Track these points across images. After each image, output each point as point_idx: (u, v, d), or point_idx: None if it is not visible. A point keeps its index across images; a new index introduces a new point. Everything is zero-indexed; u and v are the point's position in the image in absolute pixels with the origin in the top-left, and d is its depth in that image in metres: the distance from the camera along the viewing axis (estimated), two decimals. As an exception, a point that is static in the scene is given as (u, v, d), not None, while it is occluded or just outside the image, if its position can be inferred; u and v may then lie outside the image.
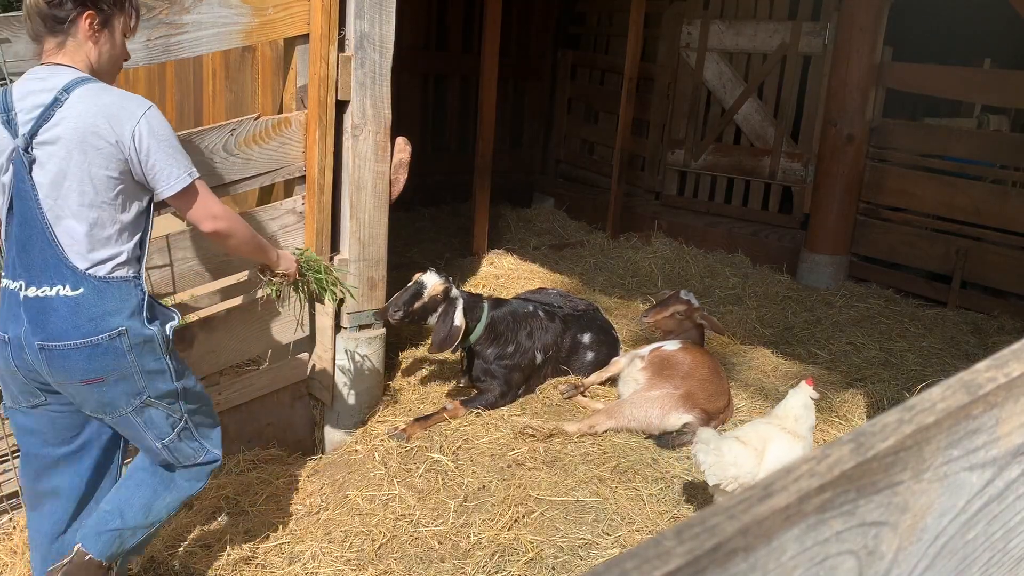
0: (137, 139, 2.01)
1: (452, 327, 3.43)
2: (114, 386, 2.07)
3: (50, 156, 1.98)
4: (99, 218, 2.02)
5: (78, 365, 2.02)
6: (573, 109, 7.81)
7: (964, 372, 0.63)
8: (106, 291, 2.03)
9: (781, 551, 0.49)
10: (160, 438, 2.19)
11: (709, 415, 3.35)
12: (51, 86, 1.99)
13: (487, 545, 2.69)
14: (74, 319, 2.00)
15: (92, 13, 2.04)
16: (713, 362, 3.55)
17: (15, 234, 2.03)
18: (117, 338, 2.04)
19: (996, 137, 5.37)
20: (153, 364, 2.12)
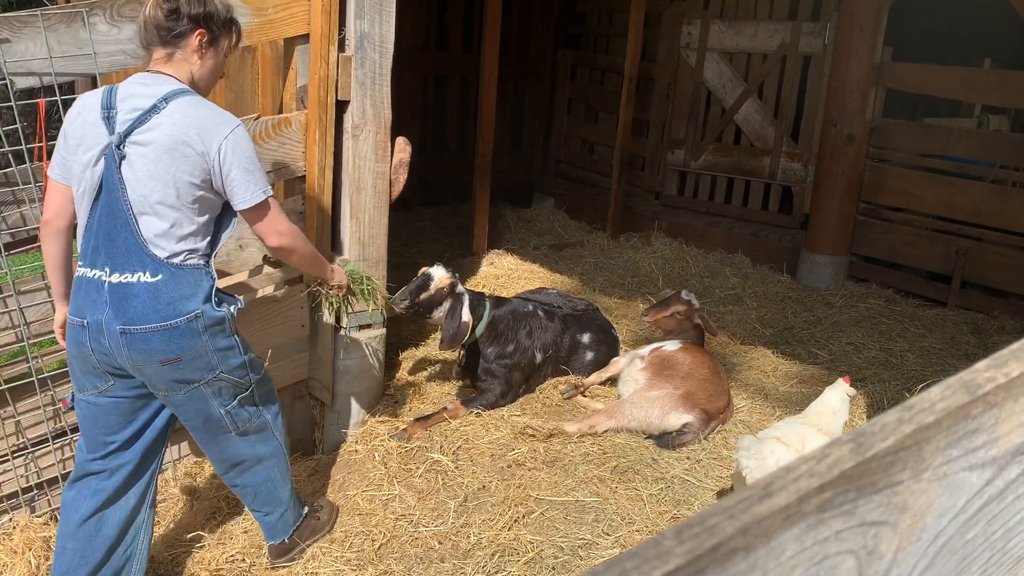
0: (222, 154, 2.16)
1: (460, 323, 3.44)
2: (189, 364, 2.24)
3: (140, 156, 2.12)
4: (178, 219, 2.17)
5: (158, 347, 2.17)
6: (573, 109, 7.81)
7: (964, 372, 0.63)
8: (182, 277, 2.19)
9: (781, 551, 0.49)
10: (224, 404, 2.38)
11: (709, 415, 3.35)
12: (153, 93, 2.15)
13: (487, 545, 2.69)
14: (154, 303, 2.15)
15: (204, 31, 2.23)
16: (713, 362, 3.55)
17: (102, 223, 2.16)
18: (193, 320, 2.20)
19: (996, 137, 5.37)
20: (224, 342, 2.30)
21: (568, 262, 5.71)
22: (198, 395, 2.32)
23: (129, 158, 2.12)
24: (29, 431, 2.82)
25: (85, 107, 2.18)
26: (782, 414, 3.59)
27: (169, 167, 2.12)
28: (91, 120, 2.15)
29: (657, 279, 5.48)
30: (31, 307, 2.69)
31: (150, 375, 2.23)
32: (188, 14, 2.19)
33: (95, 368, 2.24)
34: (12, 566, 2.54)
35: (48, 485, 2.90)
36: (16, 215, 2.60)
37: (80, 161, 2.16)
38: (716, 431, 3.41)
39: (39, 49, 2.47)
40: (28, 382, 2.74)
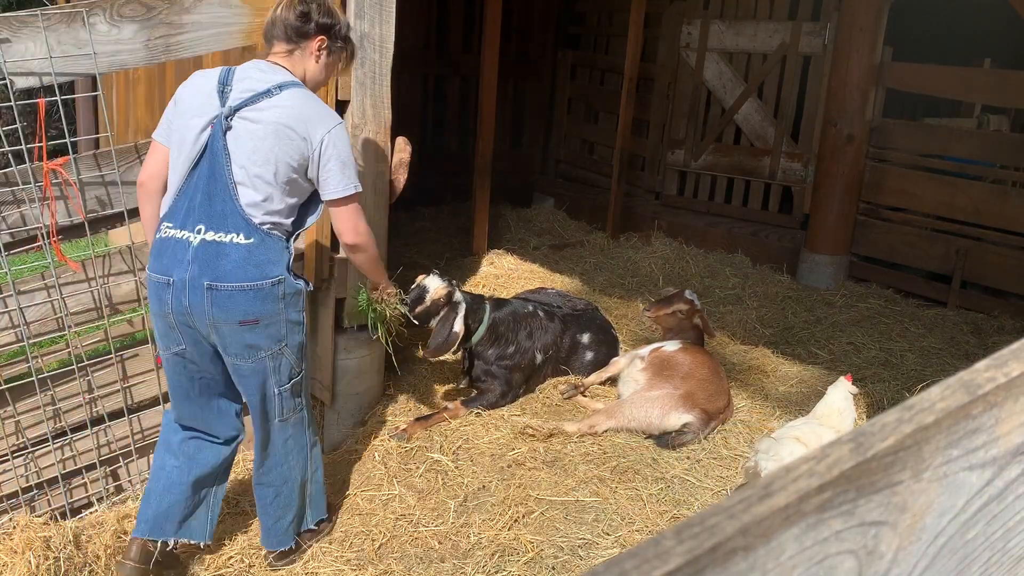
0: (324, 145, 2.36)
1: (450, 333, 3.40)
2: (264, 329, 2.38)
3: (247, 132, 2.33)
4: (271, 195, 2.35)
5: (240, 306, 2.32)
6: (573, 109, 7.81)
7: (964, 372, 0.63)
8: (270, 243, 2.36)
9: (780, 551, 0.49)
10: (280, 384, 2.50)
11: (709, 415, 3.35)
12: (269, 79, 2.38)
13: (487, 545, 2.69)
14: (244, 264, 2.31)
15: (325, 39, 2.48)
16: (713, 362, 3.55)
17: (203, 186, 2.33)
18: (277, 285, 2.36)
19: (996, 137, 5.37)
20: (295, 315, 2.46)
21: (568, 262, 5.71)
22: (262, 367, 2.44)
23: (235, 130, 2.32)
24: (29, 431, 2.82)
25: (201, 80, 2.40)
26: (782, 414, 3.59)
27: (273, 147, 2.31)
28: (206, 92, 2.36)
29: (657, 279, 5.48)
30: (31, 307, 2.69)
31: (226, 335, 2.36)
32: (316, 21, 2.44)
33: (171, 328, 2.39)
34: (12, 566, 2.54)
35: (48, 485, 2.90)
36: (16, 215, 2.60)
37: (188, 126, 2.34)
38: (716, 431, 3.41)
39: (39, 49, 2.47)
40: (28, 382, 2.74)
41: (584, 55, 7.65)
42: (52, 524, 2.75)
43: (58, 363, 2.84)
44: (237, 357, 2.41)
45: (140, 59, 2.71)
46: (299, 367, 2.54)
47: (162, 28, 2.68)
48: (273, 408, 2.53)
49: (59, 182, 2.63)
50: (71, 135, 2.80)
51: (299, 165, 2.36)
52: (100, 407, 2.95)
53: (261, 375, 2.46)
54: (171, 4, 2.68)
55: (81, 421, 2.91)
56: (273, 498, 2.65)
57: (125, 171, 2.76)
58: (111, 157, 2.70)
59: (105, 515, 2.91)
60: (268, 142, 2.31)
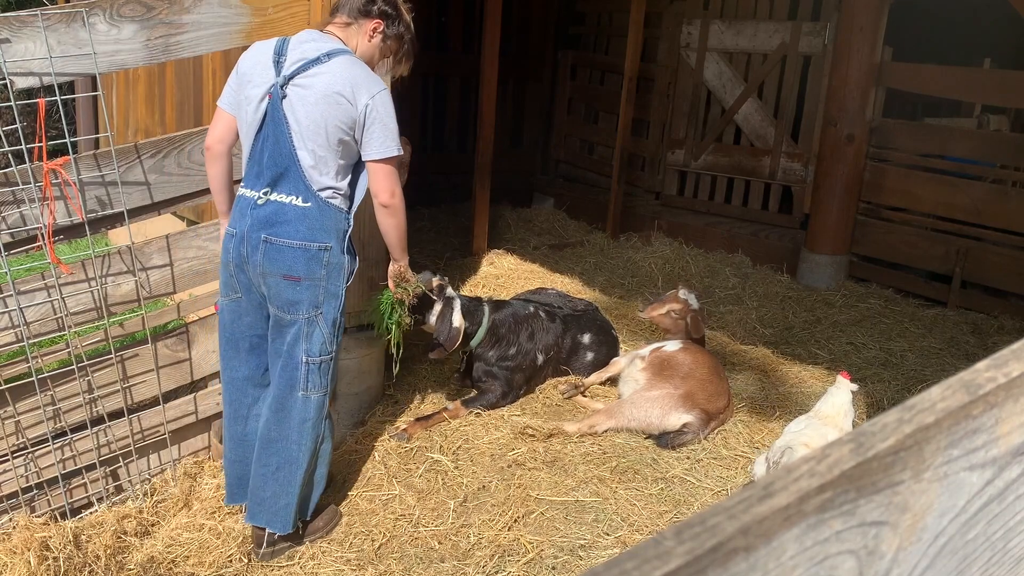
0: (369, 108, 2.51)
1: (452, 328, 3.41)
2: (305, 290, 2.54)
3: (300, 98, 2.48)
4: (325, 157, 2.52)
5: (287, 262, 2.50)
6: (573, 109, 7.81)
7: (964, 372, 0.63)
8: (327, 212, 2.54)
9: (781, 551, 0.49)
10: (309, 353, 2.61)
11: (709, 415, 3.35)
12: (319, 48, 2.52)
13: (487, 545, 2.69)
14: (297, 225, 2.50)
15: (382, 23, 2.67)
16: (713, 362, 3.55)
17: (267, 150, 2.51)
18: (323, 251, 2.54)
19: (996, 137, 5.37)
20: (334, 287, 2.60)
21: (568, 262, 5.71)
22: (298, 327, 2.58)
23: (289, 98, 2.48)
24: (29, 431, 2.82)
25: (259, 51, 2.56)
26: (782, 414, 3.59)
27: (325, 112, 2.47)
28: (263, 62, 2.53)
29: (657, 279, 5.48)
30: (31, 307, 2.69)
31: (272, 286, 2.54)
32: (379, 7, 2.65)
33: (231, 276, 2.61)
34: (12, 566, 2.54)
35: (48, 485, 2.90)
36: (16, 215, 2.60)
37: (248, 96, 2.52)
38: (717, 432, 3.41)
39: (39, 49, 2.47)
40: (28, 382, 2.74)
41: (584, 55, 7.65)
42: (52, 524, 2.75)
43: (58, 363, 2.84)
44: (280, 309, 2.57)
45: (140, 59, 2.70)
46: (330, 346, 2.64)
47: (162, 28, 2.68)
48: (299, 377, 2.62)
49: (59, 182, 2.63)
50: (71, 135, 2.80)
51: (348, 128, 2.51)
52: (100, 407, 2.95)
53: (294, 337, 2.59)
54: (171, 4, 2.68)
55: (81, 421, 2.90)
56: (274, 471, 2.67)
57: (125, 171, 2.76)
58: (111, 157, 2.70)
59: (105, 515, 2.91)
60: (320, 107, 2.46)
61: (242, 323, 2.68)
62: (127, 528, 2.85)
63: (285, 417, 2.65)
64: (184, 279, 3.00)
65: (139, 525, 2.87)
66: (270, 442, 2.67)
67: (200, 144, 2.87)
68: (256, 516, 2.70)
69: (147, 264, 2.92)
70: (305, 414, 2.65)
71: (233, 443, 2.80)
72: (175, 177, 2.86)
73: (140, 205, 2.82)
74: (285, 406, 2.65)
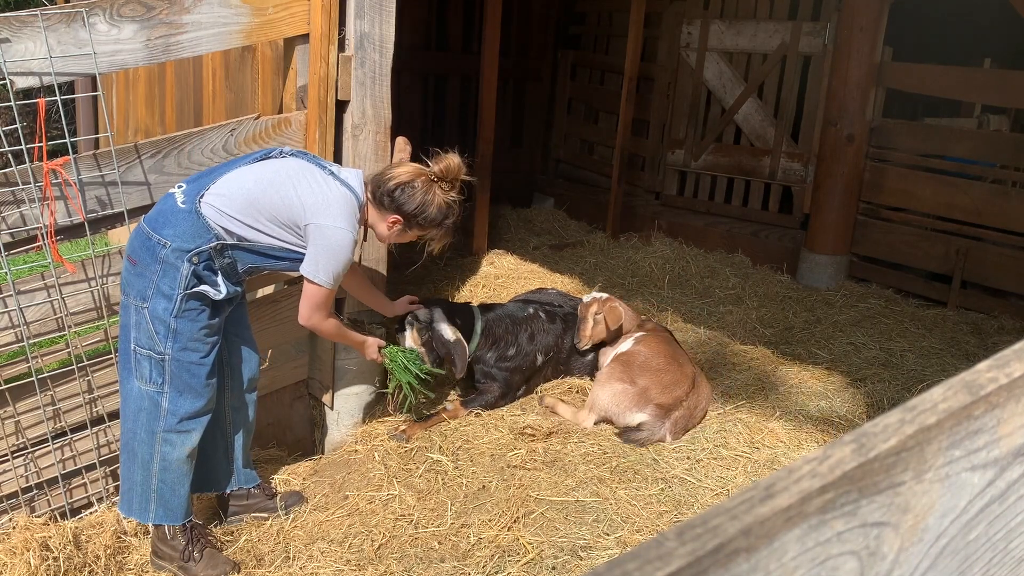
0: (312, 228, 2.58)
1: (450, 343, 3.36)
2: (136, 276, 2.50)
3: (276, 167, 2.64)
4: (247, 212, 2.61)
5: (132, 242, 2.55)
6: (573, 109, 7.81)
7: (965, 372, 0.63)
8: (189, 217, 2.49)
9: (783, 552, 0.49)
10: (139, 343, 2.54)
11: (666, 408, 3.34)
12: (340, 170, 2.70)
13: (487, 545, 2.69)
14: (156, 212, 2.55)
15: (400, 220, 2.74)
16: (670, 349, 3.55)
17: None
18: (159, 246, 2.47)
19: (996, 137, 5.37)
20: (168, 289, 2.48)
21: (568, 262, 5.71)
22: (128, 311, 2.54)
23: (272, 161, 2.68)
24: (29, 431, 2.82)
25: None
26: (782, 414, 3.59)
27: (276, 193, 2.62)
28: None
29: (657, 279, 5.48)
30: (31, 307, 2.69)
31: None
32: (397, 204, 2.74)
33: None
34: (12, 566, 2.54)
35: (48, 485, 2.89)
36: (16, 215, 2.60)
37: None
38: (717, 432, 3.41)
39: (39, 49, 2.47)
40: (28, 382, 2.74)
41: (584, 55, 7.64)
42: (52, 524, 2.75)
43: (58, 363, 2.84)
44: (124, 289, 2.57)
45: (140, 59, 2.70)
46: (162, 346, 2.51)
47: (162, 28, 2.68)
48: (130, 362, 2.56)
49: (59, 182, 2.62)
50: (71, 135, 2.80)
51: (289, 221, 2.57)
52: (100, 407, 2.94)
53: (128, 318, 2.55)
54: (171, 4, 2.68)
55: (81, 421, 2.90)
56: (121, 451, 2.68)
57: (125, 171, 2.75)
58: (111, 157, 2.69)
59: (105, 515, 2.91)
60: (276, 188, 2.54)
61: None
62: (127, 528, 2.85)
63: (125, 398, 2.62)
64: (184, 279, 3.00)
65: (139, 525, 2.87)
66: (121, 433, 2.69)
67: (200, 144, 2.87)
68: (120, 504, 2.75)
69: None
70: (140, 403, 2.57)
71: None
72: (175, 177, 2.86)
73: (140, 205, 2.81)
74: (124, 387, 2.62)
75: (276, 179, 2.55)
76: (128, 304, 2.54)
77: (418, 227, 2.77)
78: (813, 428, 3.49)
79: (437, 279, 5.16)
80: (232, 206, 2.51)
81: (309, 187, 2.55)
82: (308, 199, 2.53)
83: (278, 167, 2.59)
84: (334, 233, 2.55)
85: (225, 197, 2.51)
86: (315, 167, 2.64)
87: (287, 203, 2.54)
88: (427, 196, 2.70)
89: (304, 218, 2.54)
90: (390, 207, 2.71)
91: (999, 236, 4.89)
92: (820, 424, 3.52)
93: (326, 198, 2.55)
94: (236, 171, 2.57)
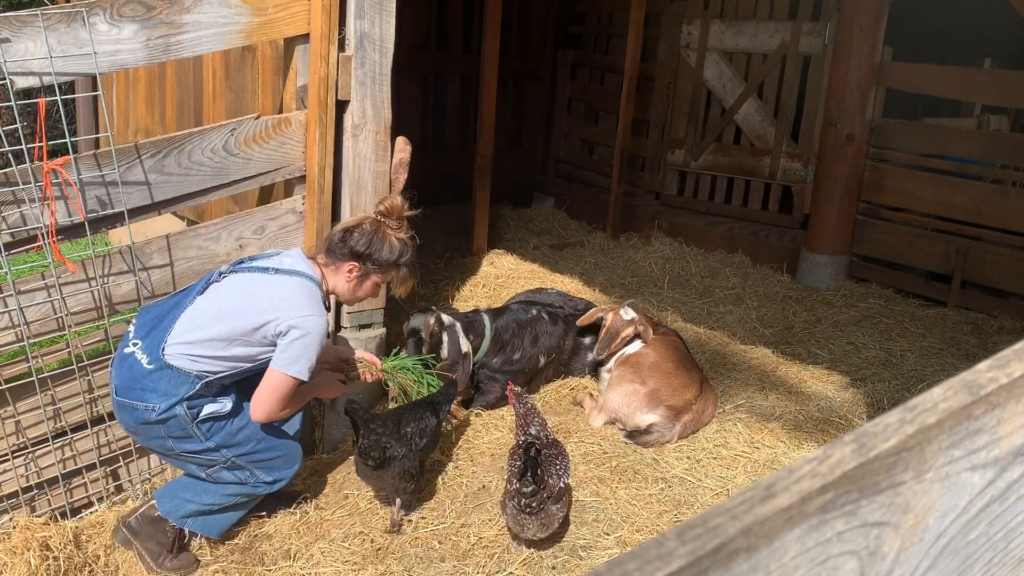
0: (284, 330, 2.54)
1: (460, 354, 3.37)
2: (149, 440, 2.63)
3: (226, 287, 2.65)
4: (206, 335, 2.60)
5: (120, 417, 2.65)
6: (573, 109, 7.80)
7: (966, 372, 0.63)
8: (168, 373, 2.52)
9: (783, 551, 0.49)
10: (203, 470, 2.66)
11: (677, 411, 3.33)
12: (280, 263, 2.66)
13: (487, 545, 2.69)
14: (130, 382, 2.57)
15: (357, 266, 2.70)
16: (679, 354, 3.54)
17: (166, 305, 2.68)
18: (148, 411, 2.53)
19: (996, 137, 5.37)
20: (179, 432, 2.55)
21: (568, 262, 5.71)
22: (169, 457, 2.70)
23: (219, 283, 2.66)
24: (29, 431, 2.82)
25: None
26: (782, 414, 3.59)
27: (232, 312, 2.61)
28: None
29: (657, 279, 5.48)
30: (31, 307, 2.69)
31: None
32: (351, 247, 2.69)
33: None
34: (12, 566, 2.54)
35: (48, 485, 2.90)
36: (16, 215, 2.60)
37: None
38: (706, 427, 3.41)
39: (39, 49, 2.47)
40: (28, 382, 2.74)
41: (584, 55, 7.64)
42: (52, 524, 2.75)
43: (58, 363, 2.84)
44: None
45: (140, 59, 2.70)
46: (222, 458, 2.63)
47: (162, 28, 2.68)
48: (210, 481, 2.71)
49: (59, 182, 2.62)
50: (71, 135, 2.80)
51: (251, 334, 2.55)
52: (100, 407, 2.94)
53: (176, 464, 2.73)
54: (171, 4, 2.68)
55: (81, 421, 2.90)
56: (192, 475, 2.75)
57: (125, 171, 2.75)
58: (111, 157, 2.69)
59: (105, 515, 2.91)
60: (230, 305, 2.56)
61: None
62: (127, 528, 2.85)
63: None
64: (184, 279, 3.00)
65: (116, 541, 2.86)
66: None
67: (200, 144, 2.87)
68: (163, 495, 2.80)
69: (147, 264, 2.91)
70: (237, 490, 2.73)
71: None
72: (175, 177, 2.86)
73: (140, 205, 2.81)
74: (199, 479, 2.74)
75: (232, 305, 2.53)
76: (163, 454, 2.67)
77: (376, 269, 2.71)
78: (813, 428, 3.49)
79: (437, 279, 5.16)
80: (201, 350, 2.51)
81: (266, 298, 2.52)
82: (269, 311, 2.50)
83: (226, 294, 2.57)
84: (304, 323, 2.51)
85: (190, 344, 2.50)
86: (258, 274, 2.59)
87: (253, 324, 2.51)
88: (377, 235, 2.68)
89: (274, 328, 2.51)
90: (343, 254, 2.68)
91: (999, 236, 4.89)
92: (820, 424, 3.52)
93: (284, 298, 2.53)
94: (188, 312, 2.54)
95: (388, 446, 2.69)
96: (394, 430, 2.73)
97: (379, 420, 2.76)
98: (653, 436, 3.29)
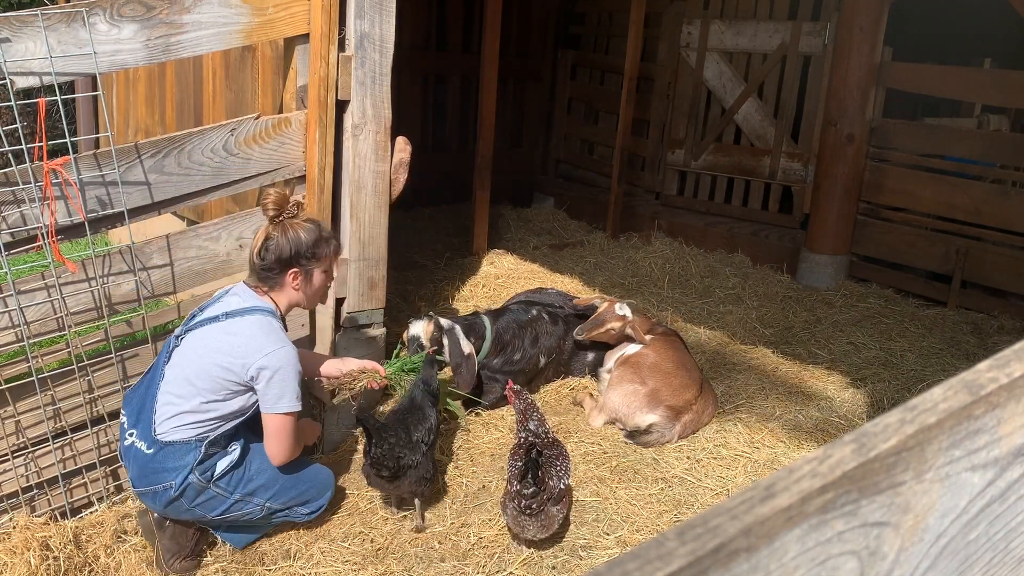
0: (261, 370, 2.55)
1: (463, 355, 3.37)
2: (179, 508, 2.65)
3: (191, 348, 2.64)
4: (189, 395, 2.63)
5: (149, 502, 2.72)
6: (573, 109, 7.81)
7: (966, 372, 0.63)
8: (169, 450, 2.58)
9: (783, 551, 0.49)
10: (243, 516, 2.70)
11: (677, 411, 3.33)
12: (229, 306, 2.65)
13: (487, 545, 2.69)
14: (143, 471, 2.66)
15: (297, 272, 2.67)
16: (679, 355, 3.55)
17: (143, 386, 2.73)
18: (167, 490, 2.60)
19: (996, 137, 5.37)
20: (202, 498, 2.61)
21: (568, 262, 5.71)
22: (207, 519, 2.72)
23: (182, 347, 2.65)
24: (29, 431, 2.82)
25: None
26: (782, 414, 3.59)
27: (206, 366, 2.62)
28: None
29: (657, 279, 5.48)
30: (31, 307, 2.69)
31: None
32: (281, 260, 2.63)
33: None
34: (12, 566, 2.53)
35: (48, 485, 2.89)
36: (16, 215, 2.60)
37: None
38: (704, 427, 3.41)
39: (39, 49, 2.47)
40: (28, 382, 2.74)
41: (584, 55, 7.64)
42: (52, 524, 2.75)
43: (58, 363, 2.84)
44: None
45: (140, 59, 2.70)
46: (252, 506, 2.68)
47: (162, 28, 2.68)
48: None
49: (59, 182, 2.62)
50: (71, 135, 2.80)
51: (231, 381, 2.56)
52: (100, 407, 2.94)
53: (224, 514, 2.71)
54: (171, 4, 2.68)
55: (81, 421, 2.90)
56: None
57: (125, 171, 2.75)
58: (111, 157, 2.69)
59: (105, 515, 2.91)
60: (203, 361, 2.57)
61: None
62: (127, 528, 2.85)
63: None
64: (184, 279, 3.00)
65: (138, 524, 2.87)
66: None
67: (200, 144, 2.87)
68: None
69: (147, 264, 2.91)
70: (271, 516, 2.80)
71: None
72: (175, 177, 2.86)
73: (140, 205, 2.81)
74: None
75: (197, 369, 2.54)
76: (208, 526, 2.75)
77: (312, 260, 2.66)
78: (813, 428, 3.49)
79: (437, 279, 5.16)
80: (191, 418, 2.56)
81: (225, 351, 2.53)
82: (235, 362, 2.51)
83: (190, 356, 2.57)
84: (270, 360, 2.51)
85: (177, 416, 2.55)
86: (211, 326, 2.59)
87: (224, 378, 2.53)
88: (287, 234, 2.62)
89: (247, 373, 2.52)
90: (275, 271, 2.64)
91: (999, 236, 4.89)
92: (820, 424, 3.52)
93: (242, 344, 2.53)
94: (162, 388, 2.57)
95: (402, 456, 2.67)
96: (406, 440, 2.72)
97: (391, 429, 2.73)
98: (653, 436, 3.30)
